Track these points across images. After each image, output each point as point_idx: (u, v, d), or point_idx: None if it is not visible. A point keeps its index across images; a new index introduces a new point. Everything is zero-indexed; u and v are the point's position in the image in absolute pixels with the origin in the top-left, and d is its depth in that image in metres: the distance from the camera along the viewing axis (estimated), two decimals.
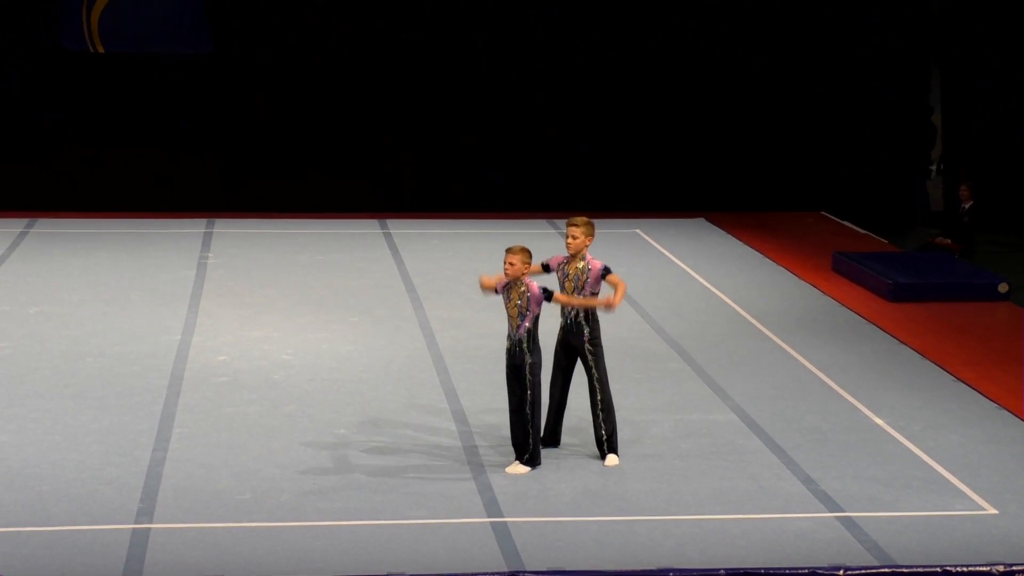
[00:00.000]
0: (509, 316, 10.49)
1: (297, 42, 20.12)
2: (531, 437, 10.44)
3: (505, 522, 9.59)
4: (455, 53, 20.28)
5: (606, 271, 10.54)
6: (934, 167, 21.26)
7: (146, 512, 9.63)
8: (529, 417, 10.41)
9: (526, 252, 10.38)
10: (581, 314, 10.59)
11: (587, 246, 10.57)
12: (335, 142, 20.34)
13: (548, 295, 10.36)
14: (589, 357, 10.62)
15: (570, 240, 10.56)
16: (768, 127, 20.74)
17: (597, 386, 10.63)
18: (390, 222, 19.33)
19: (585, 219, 10.62)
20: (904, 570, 8.87)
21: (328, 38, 20.13)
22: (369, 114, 20.33)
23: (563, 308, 10.65)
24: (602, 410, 10.65)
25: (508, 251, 10.41)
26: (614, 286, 10.50)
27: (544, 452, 10.76)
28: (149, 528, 9.40)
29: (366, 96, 20.29)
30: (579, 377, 10.90)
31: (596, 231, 10.66)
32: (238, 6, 19.95)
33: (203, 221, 19.07)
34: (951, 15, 20.81)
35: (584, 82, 20.42)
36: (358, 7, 20.12)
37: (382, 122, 20.37)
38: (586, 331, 10.60)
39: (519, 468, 10.45)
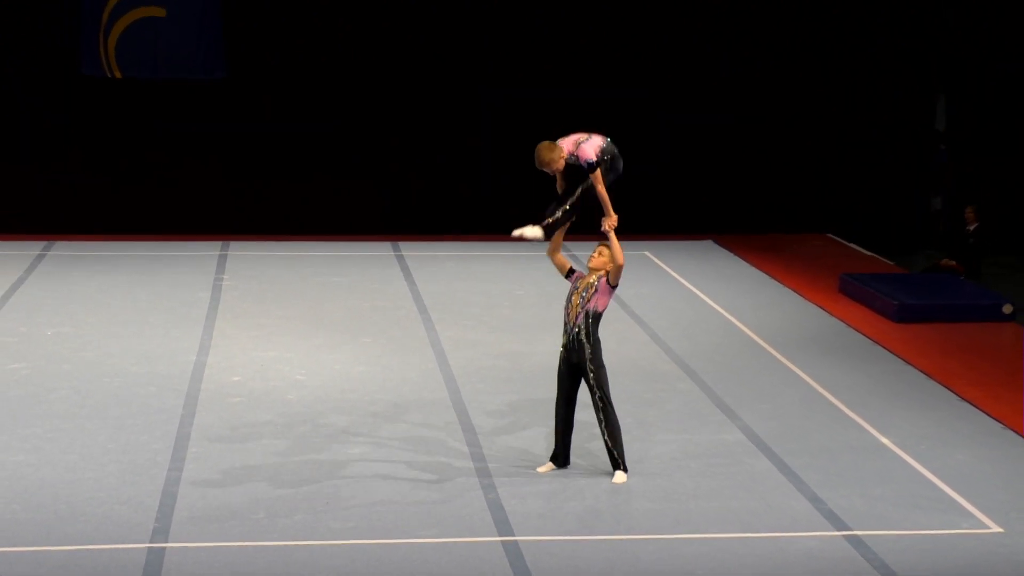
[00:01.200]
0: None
1: (311, 67, 20.17)
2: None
3: (516, 541, 9.58)
4: (462, 78, 20.32)
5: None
6: (938, 198, 21.26)
7: (161, 531, 9.63)
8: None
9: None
10: (582, 332, 10.57)
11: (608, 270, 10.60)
12: (349, 165, 20.37)
13: (593, 167, 10.49)
14: (591, 376, 10.60)
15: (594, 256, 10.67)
16: (775, 151, 20.75)
17: (600, 404, 10.62)
18: (402, 244, 19.35)
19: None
20: None
21: (344, 64, 20.17)
22: (382, 137, 20.36)
23: (566, 325, 10.63)
24: (607, 428, 10.63)
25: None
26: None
27: (554, 472, 10.76)
28: (164, 547, 9.39)
29: (378, 118, 20.32)
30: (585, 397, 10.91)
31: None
32: (252, 32, 20.00)
33: (218, 243, 19.10)
34: (958, 40, 20.82)
35: (592, 106, 20.43)
36: (370, 36, 20.15)
37: (394, 144, 20.39)
38: (587, 348, 10.58)
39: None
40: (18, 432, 11.52)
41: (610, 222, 10.63)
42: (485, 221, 19.98)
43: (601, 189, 10.61)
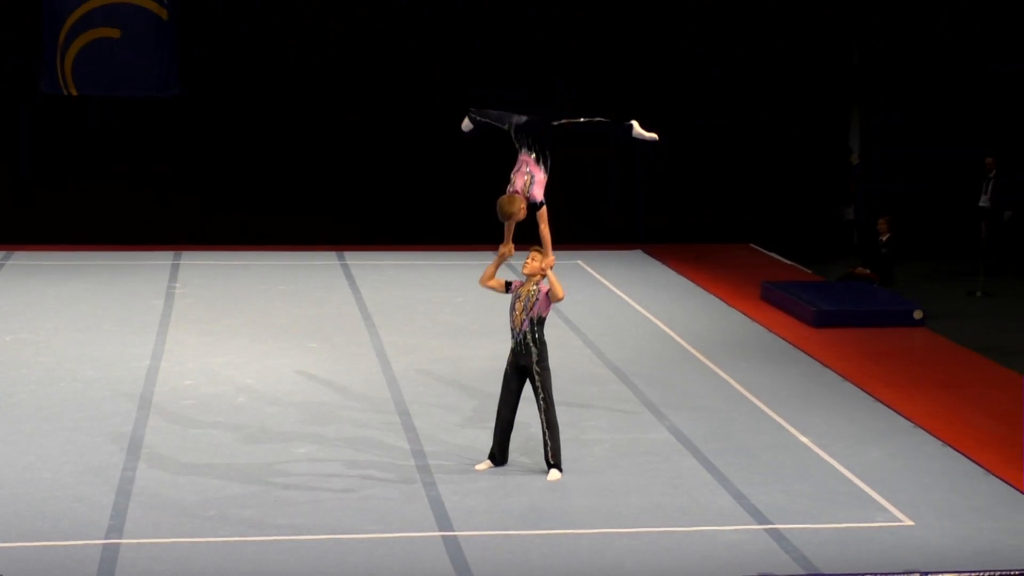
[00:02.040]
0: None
1: (259, 84, 20.10)
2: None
3: (456, 536, 9.56)
4: (404, 90, 20.29)
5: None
6: (850, 208, 21.47)
7: (116, 528, 9.55)
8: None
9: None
10: (528, 336, 10.59)
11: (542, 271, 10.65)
12: (295, 178, 20.31)
13: (539, 206, 10.68)
14: (536, 378, 10.63)
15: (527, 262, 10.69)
16: (701, 166, 20.85)
17: (543, 405, 10.64)
18: (347, 254, 19.29)
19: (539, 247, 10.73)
20: None
21: (287, 82, 20.11)
22: (326, 150, 20.31)
23: (513, 331, 10.65)
24: (547, 428, 10.66)
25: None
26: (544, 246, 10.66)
27: (495, 470, 10.76)
28: (119, 543, 9.31)
29: (323, 135, 20.27)
30: (528, 398, 10.90)
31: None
32: (205, 52, 19.89)
33: (171, 253, 18.98)
34: (870, 62, 21.00)
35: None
36: (312, 53, 20.09)
37: (339, 159, 20.35)
38: (534, 352, 10.60)
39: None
40: None
41: (548, 262, 10.63)
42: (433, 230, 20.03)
43: (545, 229, 10.70)
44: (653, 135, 11.11)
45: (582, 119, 11.11)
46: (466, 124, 11.33)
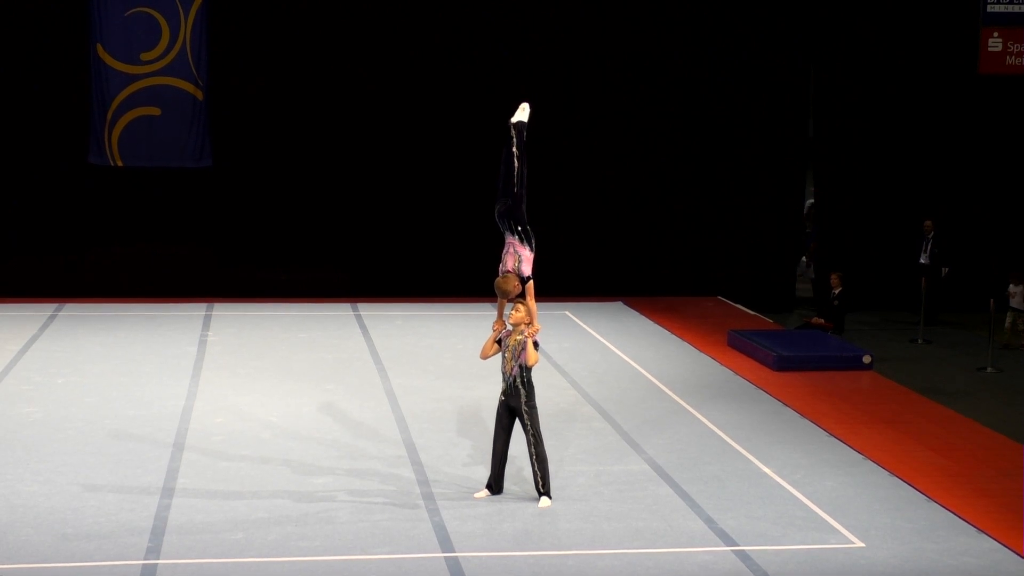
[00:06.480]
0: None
1: (282, 159, 20.15)
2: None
3: (456, 556, 9.53)
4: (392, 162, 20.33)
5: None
6: (805, 260, 21.50)
7: (154, 550, 9.51)
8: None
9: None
10: (518, 380, 10.59)
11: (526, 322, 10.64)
12: (314, 237, 20.31)
13: (526, 280, 10.63)
14: (526, 416, 10.61)
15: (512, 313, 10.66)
16: (674, 228, 20.86)
17: (533, 440, 10.61)
18: (360, 305, 19.29)
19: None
20: None
21: (303, 157, 20.16)
22: (341, 214, 20.33)
23: (504, 375, 10.64)
24: (537, 461, 10.63)
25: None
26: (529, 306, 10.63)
27: (490, 498, 10.72)
28: (156, 564, 9.27)
29: (338, 199, 20.31)
30: (519, 434, 10.88)
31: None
32: (233, 130, 19.96)
33: (203, 305, 18.98)
34: (824, 130, 21.05)
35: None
36: (325, 129, 20.15)
37: (352, 221, 20.37)
38: (523, 394, 10.60)
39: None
40: (31, 466, 11.37)
41: (532, 331, 10.62)
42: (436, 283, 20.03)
43: (531, 301, 10.67)
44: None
45: (516, 151, 11.03)
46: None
